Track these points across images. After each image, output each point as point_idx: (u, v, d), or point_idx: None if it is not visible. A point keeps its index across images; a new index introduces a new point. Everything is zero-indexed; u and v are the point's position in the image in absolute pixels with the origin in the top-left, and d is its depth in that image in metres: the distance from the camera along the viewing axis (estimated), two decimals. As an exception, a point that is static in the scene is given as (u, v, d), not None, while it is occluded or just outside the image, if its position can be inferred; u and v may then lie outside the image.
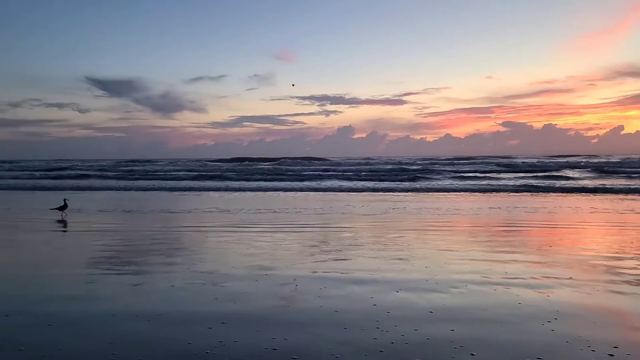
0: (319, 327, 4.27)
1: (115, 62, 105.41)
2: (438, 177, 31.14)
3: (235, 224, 11.28)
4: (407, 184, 26.70)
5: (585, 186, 23.77)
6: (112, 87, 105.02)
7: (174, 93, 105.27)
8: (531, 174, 32.45)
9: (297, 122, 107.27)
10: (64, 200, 12.97)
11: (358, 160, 52.87)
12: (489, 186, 24.55)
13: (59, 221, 11.80)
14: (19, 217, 13.13)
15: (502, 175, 33.20)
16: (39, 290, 5.63)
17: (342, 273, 6.28)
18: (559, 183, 25.89)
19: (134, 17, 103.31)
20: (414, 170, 36.20)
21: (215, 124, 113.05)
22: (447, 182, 27.83)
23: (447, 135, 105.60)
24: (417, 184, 26.58)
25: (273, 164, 46.76)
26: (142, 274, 6.35)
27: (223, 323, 4.36)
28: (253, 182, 28.67)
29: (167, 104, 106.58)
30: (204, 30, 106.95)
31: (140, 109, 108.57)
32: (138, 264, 6.97)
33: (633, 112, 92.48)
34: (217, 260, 7.14)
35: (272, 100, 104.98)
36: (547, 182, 26.11)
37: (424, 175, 31.39)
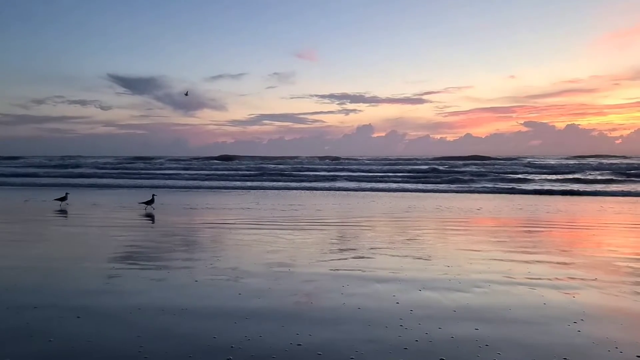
0: (342, 324, 4.29)
1: (137, 60, 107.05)
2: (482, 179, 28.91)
3: (255, 221, 11.37)
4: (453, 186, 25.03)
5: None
6: (134, 85, 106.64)
7: (195, 91, 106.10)
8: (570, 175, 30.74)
9: (317, 121, 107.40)
10: (153, 195, 13.95)
11: (394, 161, 51.42)
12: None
13: (147, 215, 12.45)
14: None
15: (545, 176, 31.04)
16: (68, 283, 5.76)
17: (364, 271, 6.29)
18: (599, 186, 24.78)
19: (157, 16, 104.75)
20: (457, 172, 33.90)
21: (235, 122, 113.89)
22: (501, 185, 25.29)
23: (468, 135, 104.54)
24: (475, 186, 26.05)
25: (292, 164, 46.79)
26: (166, 269, 6.45)
27: (247, 318, 4.41)
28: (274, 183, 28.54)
29: (188, 102, 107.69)
30: (225, 28, 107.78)
31: (161, 107, 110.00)
32: (161, 260, 7.08)
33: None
34: (239, 257, 7.21)
35: (292, 98, 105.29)
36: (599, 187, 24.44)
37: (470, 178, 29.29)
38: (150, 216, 12.37)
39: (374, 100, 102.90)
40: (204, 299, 5.05)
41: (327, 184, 26.22)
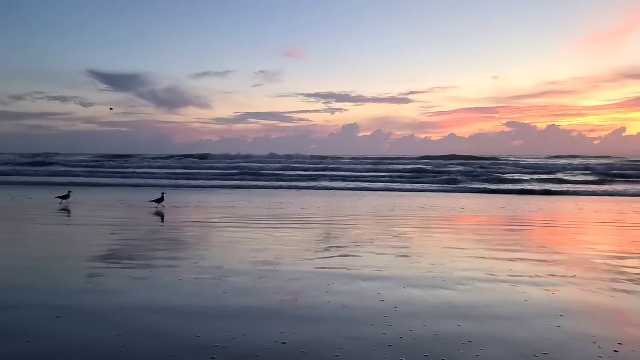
0: (327, 322, 4.30)
1: (119, 56, 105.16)
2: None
3: (240, 220, 11.31)
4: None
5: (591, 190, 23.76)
6: (116, 81, 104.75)
7: (179, 88, 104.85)
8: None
9: (303, 120, 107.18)
10: (162, 193, 13.88)
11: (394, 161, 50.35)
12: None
13: (157, 213, 11.88)
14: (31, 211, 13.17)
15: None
16: (47, 282, 5.66)
17: (349, 269, 6.31)
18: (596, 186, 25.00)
19: (140, 10, 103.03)
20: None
21: (220, 120, 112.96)
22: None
23: (452, 134, 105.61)
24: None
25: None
26: (149, 267, 6.37)
27: (231, 317, 4.39)
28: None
29: (172, 99, 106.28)
30: (211, 25, 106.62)
31: (144, 104, 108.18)
32: (144, 258, 7.00)
33: (635, 114, 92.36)
34: (223, 256, 7.17)
35: (277, 96, 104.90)
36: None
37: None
38: (159, 214, 12.29)
39: (360, 100, 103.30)
40: (188, 297, 5.01)
41: (312, 183, 26.19)
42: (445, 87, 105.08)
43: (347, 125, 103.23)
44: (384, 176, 30.52)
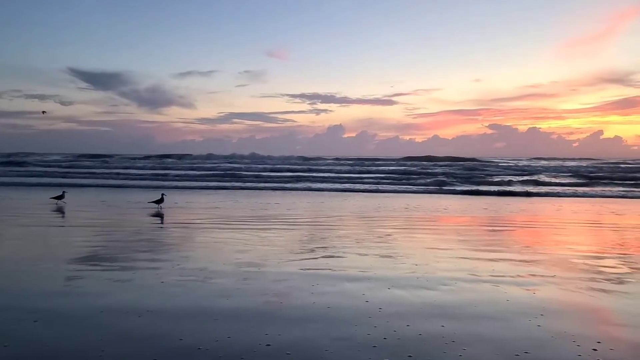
0: (312, 323, 4.30)
1: (101, 55, 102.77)
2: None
3: (224, 221, 11.23)
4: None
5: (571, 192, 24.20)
6: (98, 80, 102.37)
7: (162, 87, 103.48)
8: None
9: (288, 120, 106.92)
10: (162, 194, 13.86)
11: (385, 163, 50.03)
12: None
13: (157, 215, 11.65)
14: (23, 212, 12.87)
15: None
16: (26, 285, 5.53)
17: (334, 270, 6.32)
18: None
19: (123, 9, 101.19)
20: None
21: (204, 120, 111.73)
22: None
23: (435, 136, 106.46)
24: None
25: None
26: (131, 270, 6.28)
27: (215, 319, 4.36)
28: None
29: (155, 99, 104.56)
30: (195, 24, 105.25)
31: (126, 103, 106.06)
32: (126, 260, 6.90)
33: (612, 118, 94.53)
34: (207, 257, 7.11)
35: (262, 97, 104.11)
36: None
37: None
38: (159, 215, 12.23)
39: (345, 101, 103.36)
40: (171, 300, 4.95)
41: (297, 184, 26.14)
42: (429, 89, 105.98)
43: (332, 126, 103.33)
44: (370, 178, 30.61)
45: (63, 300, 4.95)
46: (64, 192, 14.82)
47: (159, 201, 13.67)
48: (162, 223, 11.06)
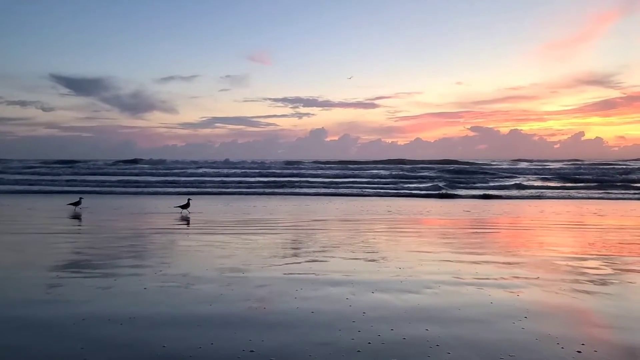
0: (296, 328, 4.27)
1: (82, 60, 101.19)
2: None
3: (207, 226, 11.14)
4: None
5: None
6: (79, 85, 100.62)
7: (144, 92, 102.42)
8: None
9: (270, 124, 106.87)
10: (188, 199, 14.01)
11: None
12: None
13: (183, 219, 11.42)
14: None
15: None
16: (7, 293, 5.43)
17: (317, 275, 6.29)
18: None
19: (104, 14, 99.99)
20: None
21: (186, 125, 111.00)
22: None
23: (418, 139, 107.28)
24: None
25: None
26: (113, 276, 6.18)
27: (198, 326, 4.30)
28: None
29: (137, 104, 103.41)
30: (177, 28, 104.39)
31: (108, 108, 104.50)
32: (107, 267, 6.79)
33: (593, 119, 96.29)
34: (190, 263, 7.03)
35: (245, 101, 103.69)
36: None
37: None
38: (185, 220, 12.25)
39: (327, 105, 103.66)
40: (153, 306, 4.88)
41: (285, 189, 26.07)
42: (411, 92, 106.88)
43: (314, 130, 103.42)
44: (356, 182, 30.64)
45: (45, 308, 4.85)
46: (80, 198, 14.81)
47: (185, 206, 13.66)
48: (187, 225, 10.92)
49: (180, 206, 13.98)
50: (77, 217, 12.94)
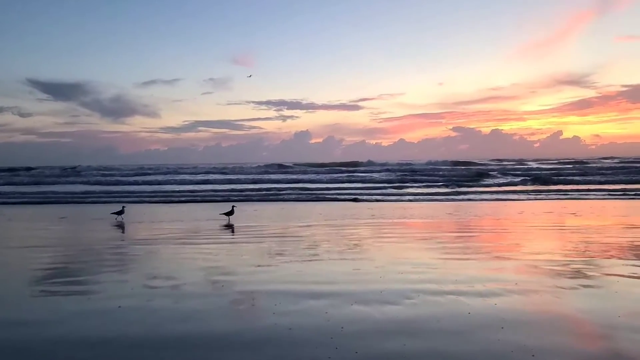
0: (272, 347, 4.21)
1: (61, 65, 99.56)
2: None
3: (188, 236, 11.01)
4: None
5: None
6: (58, 90, 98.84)
7: (125, 97, 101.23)
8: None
9: (254, 127, 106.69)
10: (232, 206, 13.90)
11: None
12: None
13: (227, 226, 12.37)
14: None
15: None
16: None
17: (297, 286, 6.22)
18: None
19: (84, 17, 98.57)
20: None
21: (169, 129, 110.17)
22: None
23: (401, 140, 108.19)
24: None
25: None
26: (86, 294, 6.05)
27: (173, 347, 4.22)
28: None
29: (118, 108, 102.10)
30: (157, 32, 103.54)
31: (88, 113, 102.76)
32: (81, 283, 6.64)
33: (571, 118, 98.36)
34: (169, 276, 6.90)
35: (228, 104, 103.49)
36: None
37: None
38: (229, 226, 12.40)
39: (311, 107, 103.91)
40: (128, 326, 4.77)
41: (264, 194, 25.95)
42: (394, 94, 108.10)
43: (298, 132, 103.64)
44: (341, 186, 30.64)
45: (12, 330, 4.72)
46: (123, 207, 14.50)
47: (230, 213, 13.52)
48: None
49: (224, 213, 13.63)
50: (119, 226, 12.85)
